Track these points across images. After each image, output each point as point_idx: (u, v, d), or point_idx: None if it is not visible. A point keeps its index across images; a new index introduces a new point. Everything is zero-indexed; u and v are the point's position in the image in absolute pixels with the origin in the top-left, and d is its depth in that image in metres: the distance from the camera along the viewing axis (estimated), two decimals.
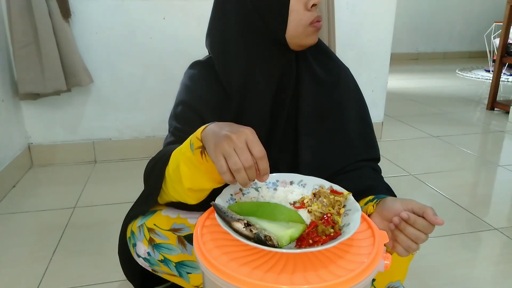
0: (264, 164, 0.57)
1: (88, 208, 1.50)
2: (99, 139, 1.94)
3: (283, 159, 0.85)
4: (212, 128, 0.61)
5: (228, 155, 0.56)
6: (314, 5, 0.73)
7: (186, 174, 0.65)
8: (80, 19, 1.76)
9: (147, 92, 1.92)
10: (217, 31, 0.82)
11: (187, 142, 0.65)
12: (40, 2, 1.58)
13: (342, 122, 0.86)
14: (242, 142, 0.56)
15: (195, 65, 0.89)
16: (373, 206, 0.71)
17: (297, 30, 0.75)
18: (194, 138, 0.63)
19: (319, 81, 0.85)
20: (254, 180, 0.58)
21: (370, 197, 0.75)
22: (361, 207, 0.72)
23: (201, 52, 2.04)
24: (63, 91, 1.73)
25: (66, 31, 1.68)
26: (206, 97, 0.83)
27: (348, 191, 0.67)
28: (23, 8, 1.59)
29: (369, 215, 0.71)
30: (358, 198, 0.76)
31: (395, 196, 0.76)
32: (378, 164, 0.91)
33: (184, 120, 0.82)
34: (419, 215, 0.63)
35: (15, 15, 1.59)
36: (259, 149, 0.57)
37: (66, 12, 1.67)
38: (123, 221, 0.86)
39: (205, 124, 0.74)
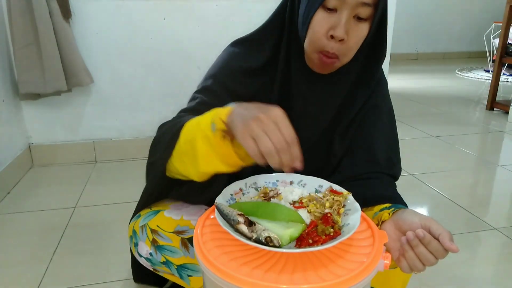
0: (295, 149, 0.53)
1: (89, 208, 1.51)
2: (100, 139, 1.94)
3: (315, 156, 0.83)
4: (239, 111, 0.57)
5: (258, 136, 0.52)
6: (332, 36, 0.68)
7: (203, 154, 0.61)
8: (81, 20, 1.76)
9: (147, 92, 1.93)
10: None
11: (206, 119, 0.61)
12: (41, 3, 1.58)
13: (373, 132, 0.84)
14: (271, 123, 0.52)
15: (238, 44, 0.84)
16: (389, 214, 0.69)
17: (308, 49, 0.73)
18: (217, 118, 0.59)
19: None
20: (289, 166, 0.54)
21: (387, 205, 0.73)
22: (375, 212, 0.72)
23: (201, 52, 2.04)
24: (64, 91, 1.73)
25: (67, 32, 1.68)
26: (243, 81, 0.79)
27: (364, 196, 0.64)
28: (24, 9, 1.59)
29: (382, 222, 0.69)
30: (373, 204, 0.75)
31: None
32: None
33: (213, 96, 0.78)
34: (435, 237, 0.59)
35: (15, 15, 1.59)
36: (290, 132, 0.53)
37: (66, 13, 1.68)
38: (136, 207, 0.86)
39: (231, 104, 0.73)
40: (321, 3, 0.67)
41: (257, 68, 0.79)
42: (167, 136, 0.68)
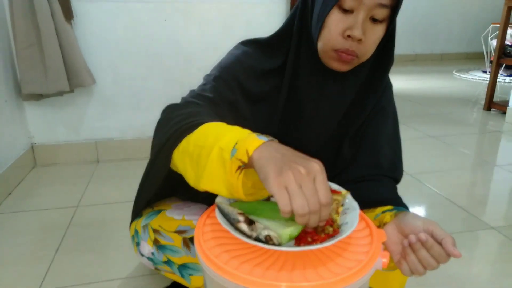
0: (326, 212, 0.50)
1: (91, 207, 1.52)
2: (102, 139, 1.95)
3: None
4: (271, 152, 0.51)
5: (295, 194, 0.47)
6: (349, 36, 0.68)
7: (213, 173, 0.57)
8: (83, 21, 1.77)
9: (149, 93, 1.94)
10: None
11: (229, 140, 0.56)
12: (43, 4, 1.59)
13: (378, 134, 0.85)
14: (311, 180, 0.48)
15: (250, 44, 0.82)
16: (391, 216, 0.68)
17: (323, 48, 0.72)
18: (242, 148, 0.53)
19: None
20: (313, 226, 0.51)
21: (389, 207, 0.73)
22: (377, 214, 0.73)
23: (202, 54, 2.05)
24: (66, 91, 1.74)
25: (69, 33, 1.69)
26: (255, 82, 0.78)
27: (366, 198, 0.64)
28: (26, 10, 1.60)
29: (384, 224, 0.68)
30: (375, 206, 0.75)
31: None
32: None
33: (226, 86, 0.77)
34: (437, 241, 0.58)
35: (18, 16, 1.60)
36: (326, 194, 0.49)
37: (68, 14, 1.68)
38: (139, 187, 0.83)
39: (240, 105, 0.71)
40: (336, 1, 0.67)
41: (269, 71, 0.79)
42: (176, 126, 0.64)
